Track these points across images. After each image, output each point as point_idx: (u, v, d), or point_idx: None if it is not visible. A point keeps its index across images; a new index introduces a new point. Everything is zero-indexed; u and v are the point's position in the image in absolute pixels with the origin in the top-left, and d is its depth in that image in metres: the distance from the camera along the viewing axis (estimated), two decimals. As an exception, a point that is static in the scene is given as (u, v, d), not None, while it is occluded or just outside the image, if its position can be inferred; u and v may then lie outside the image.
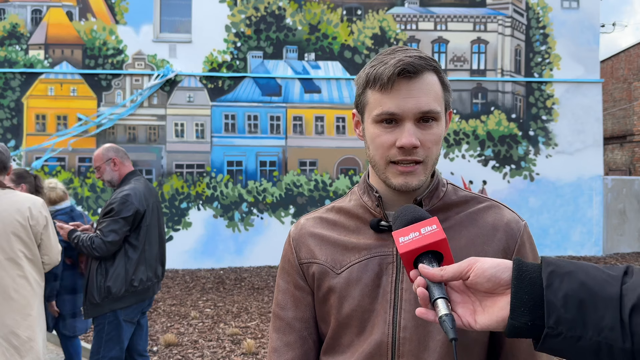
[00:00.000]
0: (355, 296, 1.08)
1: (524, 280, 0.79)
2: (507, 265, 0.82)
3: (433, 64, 1.05)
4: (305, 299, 1.18)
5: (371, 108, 1.06)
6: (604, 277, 0.77)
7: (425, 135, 1.03)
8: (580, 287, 0.76)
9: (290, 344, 1.17)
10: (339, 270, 1.11)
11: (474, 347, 1.06)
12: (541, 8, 9.83)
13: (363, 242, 1.11)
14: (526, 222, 1.14)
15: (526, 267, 0.80)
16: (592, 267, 0.79)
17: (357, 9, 9.57)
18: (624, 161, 14.79)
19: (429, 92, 1.03)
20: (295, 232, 1.21)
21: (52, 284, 3.67)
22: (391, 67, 1.01)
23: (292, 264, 1.19)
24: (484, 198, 1.16)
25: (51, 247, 2.93)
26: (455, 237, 1.09)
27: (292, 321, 1.18)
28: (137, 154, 8.92)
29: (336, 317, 1.11)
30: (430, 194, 1.11)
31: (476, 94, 9.74)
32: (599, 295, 0.75)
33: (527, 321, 0.77)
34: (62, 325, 3.84)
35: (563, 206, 9.83)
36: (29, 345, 2.75)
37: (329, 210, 1.21)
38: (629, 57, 15.07)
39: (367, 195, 1.15)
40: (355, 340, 1.09)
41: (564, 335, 0.75)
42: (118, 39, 9.13)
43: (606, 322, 0.73)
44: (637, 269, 0.78)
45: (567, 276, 0.77)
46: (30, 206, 2.83)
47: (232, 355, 4.80)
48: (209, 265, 9.09)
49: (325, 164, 9.38)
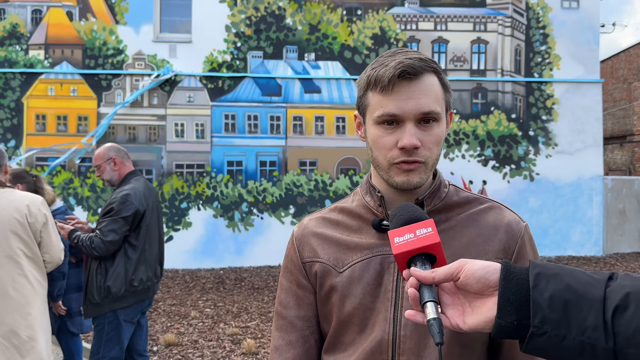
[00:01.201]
0: (357, 294, 1.10)
1: (511, 281, 0.81)
2: (496, 267, 0.84)
3: (433, 66, 1.07)
4: (307, 297, 1.19)
5: (372, 110, 1.08)
6: (589, 280, 0.79)
7: (426, 136, 1.05)
8: (565, 288, 0.78)
9: (292, 343, 1.18)
10: (341, 269, 1.13)
11: (474, 346, 1.06)
12: (541, 8, 9.83)
13: (365, 242, 1.13)
14: (527, 224, 1.16)
15: (514, 269, 0.82)
16: (578, 271, 0.81)
17: (357, 9, 9.57)
18: (624, 161, 14.79)
19: (429, 93, 1.05)
20: (298, 232, 1.23)
21: (59, 283, 3.72)
22: (391, 69, 1.03)
23: (294, 263, 1.21)
24: (486, 199, 1.17)
25: (52, 245, 2.90)
26: (457, 237, 1.10)
27: (294, 320, 1.19)
28: (137, 154, 8.92)
29: (338, 315, 1.12)
30: (432, 195, 1.12)
31: (476, 94, 9.74)
32: (584, 296, 0.77)
33: (514, 320, 0.79)
34: (69, 323, 3.88)
35: (563, 206, 9.83)
36: (29, 345, 2.72)
37: (332, 210, 1.24)
38: (629, 57, 15.07)
39: (370, 195, 1.16)
40: (356, 338, 1.11)
41: (548, 335, 0.77)
42: (118, 39, 9.13)
43: (590, 322, 0.75)
44: (622, 274, 0.80)
45: (554, 278, 0.79)
46: (29, 204, 2.81)
47: (232, 355, 4.80)
48: (209, 265, 9.09)
49: (325, 164, 9.38)
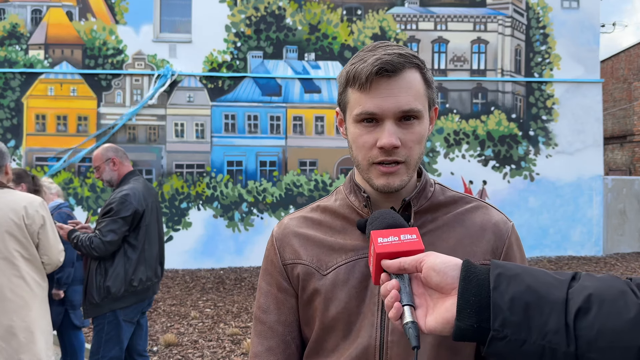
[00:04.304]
0: (341, 298, 1.06)
1: (471, 282, 0.78)
2: (457, 263, 0.82)
3: (414, 61, 1.02)
4: (288, 301, 1.14)
5: (352, 107, 1.04)
6: (551, 281, 0.76)
7: (406, 134, 1.01)
8: (526, 290, 0.75)
9: (272, 349, 1.13)
10: (325, 271, 1.08)
11: (462, 349, 1.04)
12: (541, 8, 9.83)
13: (350, 243, 1.09)
14: (513, 224, 1.13)
15: (474, 268, 0.80)
16: (540, 272, 0.79)
17: (357, 9, 9.56)
18: (624, 161, 14.78)
19: (409, 90, 1.00)
20: (278, 232, 1.17)
21: (68, 270, 3.81)
22: (369, 66, 0.99)
23: (275, 265, 1.16)
24: (472, 198, 1.15)
25: (50, 247, 2.87)
26: (444, 237, 1.07)
27: (274, 325, 1.14)
28: (137, 154, 8.92)
29: (321, 320, 1.08)
30: (418, 195, 1.09)
31: (476, 94, 9.74)
32: (545, 298, 0.74)
33: (474, 323, 0.76)
34: (73, 316, 3.95)
35: (563, 206, 9.82)
36: (27, 346, 2.71)
37: (314, 209, 1.18)
38: (629, 57, 15.07)
39: (354, 195, 1.12)
40: (340, 344, 1.06)
41: (508, 339, 0.74)
42: (118, 39, 9.13)
43: (551, 325, 0.73)
44: (585, 274, 0.78)
45: (514, 279, 0.77)
46: (26, 205, 2.78)
47: (232, 355, 4.80)
48: (209, 265, 9.09)
49: (325, 164, 9.38)
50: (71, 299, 3.93)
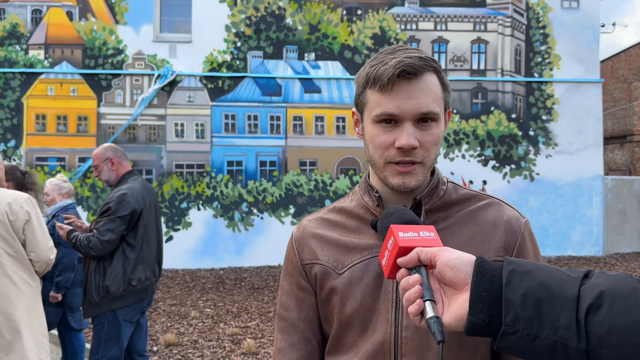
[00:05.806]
0: (357, 296, 1.09)
1: (483, 277, 0.80)
2: (470, 259, 0.84)
3: (433, 65, 1.05)
4: (308, 299, 1.19)
5: (371, 108, 1.06)
6: (563, 278, 0.78)
7: (424, 136, 1.04)
8: (539, 286, 0.77)
9: (295, 345, 1.18)
10: (340, 270, 1.12)
11: (478, 346, 1.05)
12: (541, 8, 9.83)
13: (364, 242, 1.12)
14: (527, 219, 1.15)
15: (487, 264, 0.81)
16: (552, 268, 0.80)
17: (357, 9, 9.57)
18: (624, 161, 14.78)
19: (428, 93, 1.03)
20: (297, 234, 1.22)
21: (68, 274, 3.79)
22: (391, 68, 1.01)
23: (294, 265, 1.20)
24: (485, 195, 1.16)
25: (37, 244, 2.79)
26: (456, 234, 1.09)
27: (296, 322, 1.19)
28: (137, 154, 8.92)
29: (339, 317, 1.12)
30: (430, 193, 1.11)
31: (476, 94, 9.74)
32: (557, 295, 0.75)
33: (486, 318, 0.78)
34: (70, 318, 3.94)
35: (563, 206, 9.82)
36: (13, 346, 2.65)
37: (331, 210, 1.22)
38: (629, 57, 15.06)
39: (368, 195, 1.15)
40: (358, 340, 1.10)
41: (520, 333, 0.76)
42: (118, 39, 9.13)
43: (562, 321, 0.74)
44: (598, 271, 0.79)
45: (527, 275, 0.78)
46: (10, 202, 2.72)
47: (232, 355, 4.80)
48: (209, 265, 9.09)
49: (325, 164, 9.38)
50: (70, 302, 3.91)
